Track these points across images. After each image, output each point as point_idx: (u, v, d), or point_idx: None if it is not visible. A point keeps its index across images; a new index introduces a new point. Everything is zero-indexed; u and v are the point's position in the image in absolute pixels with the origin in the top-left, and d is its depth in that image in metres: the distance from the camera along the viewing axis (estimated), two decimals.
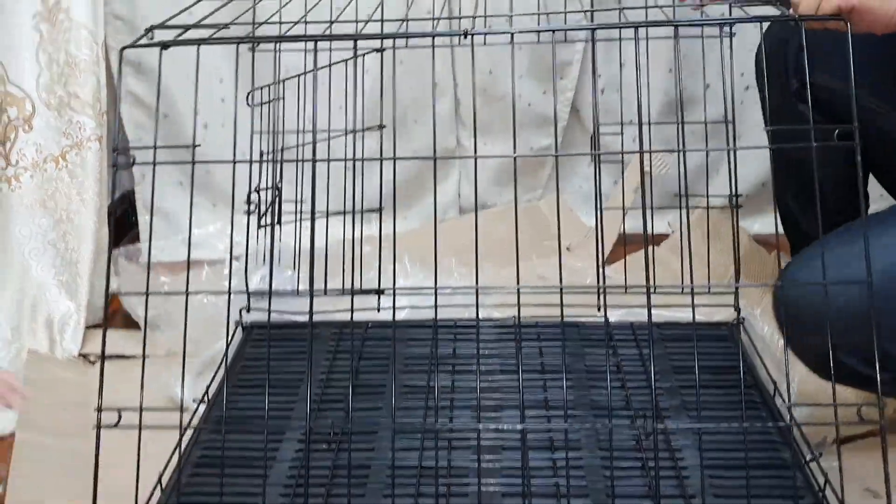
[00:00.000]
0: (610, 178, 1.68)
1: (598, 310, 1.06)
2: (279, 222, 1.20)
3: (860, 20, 0.88)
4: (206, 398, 1.11)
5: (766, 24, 1.20)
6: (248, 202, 1.11)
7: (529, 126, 1.70)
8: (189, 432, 1.02)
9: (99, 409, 0.83)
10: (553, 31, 0.94)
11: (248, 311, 1.19)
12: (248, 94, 1.17)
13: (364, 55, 1.10)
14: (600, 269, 1.09)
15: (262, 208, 1.15)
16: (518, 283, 0.89)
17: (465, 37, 0.84)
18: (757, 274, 1.38)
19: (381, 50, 0.88)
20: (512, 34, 0.88)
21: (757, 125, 1.35)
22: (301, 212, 1.16)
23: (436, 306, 0.93)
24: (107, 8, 1.53)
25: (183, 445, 0.95)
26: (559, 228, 1.00)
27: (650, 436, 0.98)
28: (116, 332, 1.43)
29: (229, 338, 1.26)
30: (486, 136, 1.70)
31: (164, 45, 0.85)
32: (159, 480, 0.93)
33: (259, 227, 1.16)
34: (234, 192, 0.89)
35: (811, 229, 1.26)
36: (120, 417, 0.83)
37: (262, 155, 1.18)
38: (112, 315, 1.50)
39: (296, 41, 0.89)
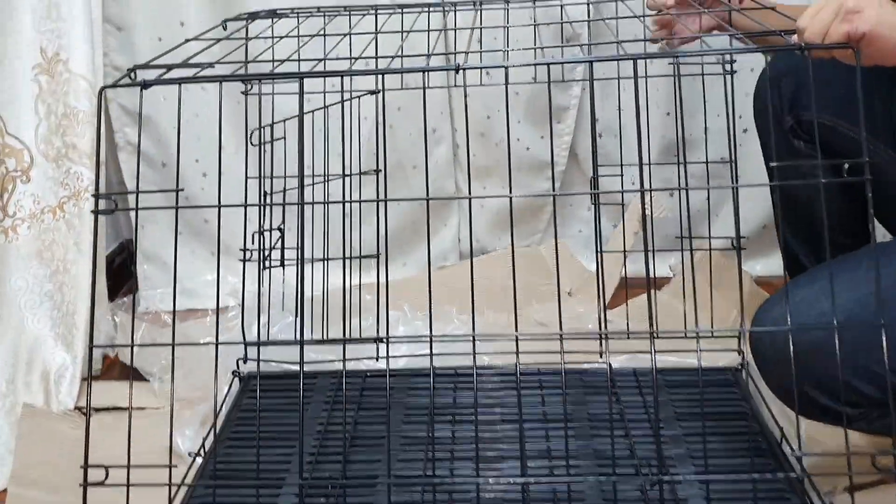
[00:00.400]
0: (609, 223, 1.67)
1: (601, 356, 1.04)
2: (282, 265, 1.19)
3: (869, 48, 0.84)
4: (202, 451, 1.09)
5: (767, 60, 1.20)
6: (244, 249, 1.09)
7: (528, 170, 1.69)
8: (182, 488, 1.00)
9: (85, 466, 0.81)
10: (549, 64, 0.93)
11: (245, 361, 1.17)
12: (251, 133, 1.17)
13: (360, 97, 1.09)
14: (602, 315, 1.08)
15: (265, 251, 1.14)
16: (517, 329, 0.87)
17: (458, 71, 0.82)
18: None
19: (375, 92, 0.87)
20: (506, 67, 0.87)
21: (756, 168, 1.34)
22: (307, 257, 1.15)
23: (431, 355, 0.91)
24: (106, 59, 1.54)
25: (178, 501, 0.93)
26: (558, 271, 0.98)
27: (655, 486, 0.96)
28: (115, 383, 1.41)
29: (223, 388, 1.25)
30: (484, 181, 1.69)
31: (145, 85, 0.85)
32: None
33: (263, 268, 1.15)
34: (219, 236, 0.88)
35: (812, 265, 1.25)
36: (107, 475, 0.81)
37: (264, 196, 1.17)
38: (111, 366, 1.48)
39: (283, 78, 0.87)
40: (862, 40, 0.83)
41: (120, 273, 1.67)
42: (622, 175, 1.19)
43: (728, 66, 1.04)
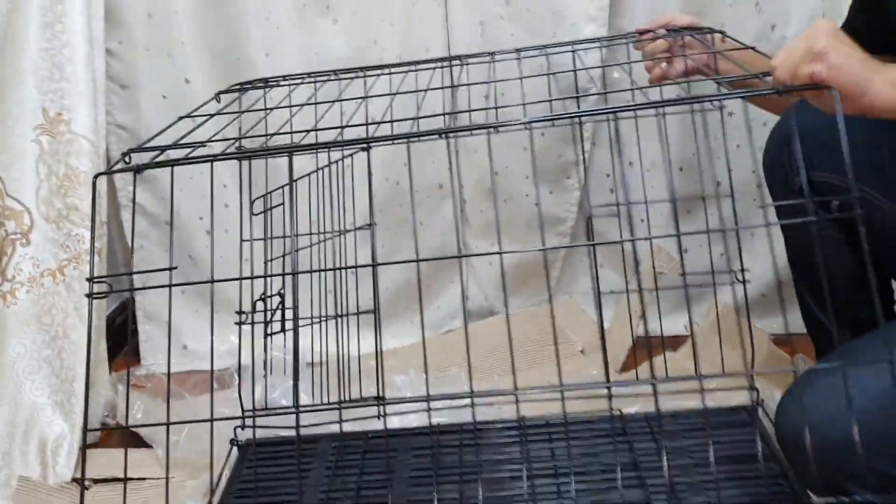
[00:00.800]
0: (622, 278, 1.62)
1: (609, 400, 1.00)
2: (283, 330, 1.16)
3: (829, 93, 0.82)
4: None
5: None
6: (240, 312, 1.06)
7: (537, 226, 1.66)
8: None
9: None
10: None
11: (243, 428, 1.13)
12: (253, 201, 1.16)
13: (352, 155, 1.07)
14: (608, 361, 1.03)
15: (267, 316, 1.12)
16: (515, 387, 0.83)
17: (445, 137, 0.80)
18: (778, 379, 1.33)
19: (367, 148, 0.85)
20: (496, 127, 0.84)
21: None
22: (307, 320, 1.12)
23: (430, 412, 0.87)
24: (109, 117, 1.53)
25: None
26: (554, 328, 0.95)
27: None
28: (115, 452, 1.36)
29: (222, 457, 1.20)
30: (493, 238, 1.66)
31: (139, 170, 0.86)
32: None
33: (266, 335, 1.12)
34: (212, 312, 0.85)
35: (828, 319, 1.21)
36: None
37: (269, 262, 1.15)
38: (110, 434, 1.44)
39: (273, 155, 0.87)
40: (823, 84, 0.82)
41: (121, 333, 1.63)
42: (620, 215, 1.16)
43: (717, 103, 1.03)
